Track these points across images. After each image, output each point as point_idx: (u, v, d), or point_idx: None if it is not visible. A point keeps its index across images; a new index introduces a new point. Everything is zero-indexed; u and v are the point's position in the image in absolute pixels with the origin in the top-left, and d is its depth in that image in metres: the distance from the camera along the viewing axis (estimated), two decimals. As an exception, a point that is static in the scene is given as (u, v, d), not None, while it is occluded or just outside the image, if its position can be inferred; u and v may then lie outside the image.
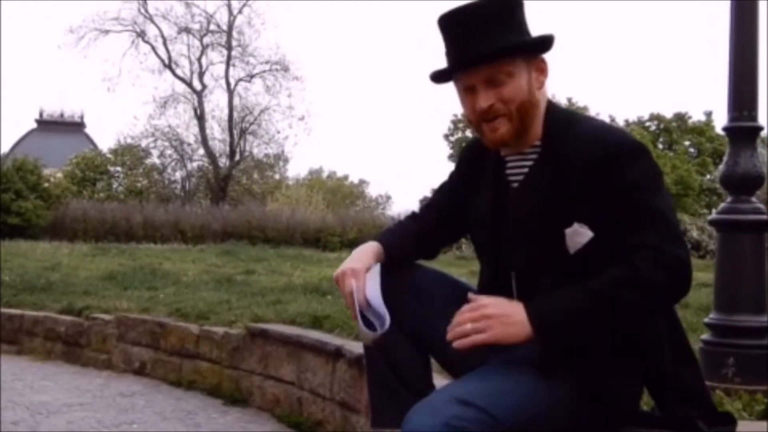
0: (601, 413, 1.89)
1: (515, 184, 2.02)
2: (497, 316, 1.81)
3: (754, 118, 3.47)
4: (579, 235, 1.87)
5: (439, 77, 2.04)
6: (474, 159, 2.17)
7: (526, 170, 2.00)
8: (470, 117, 2.01)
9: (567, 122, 1.97)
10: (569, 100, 36.71)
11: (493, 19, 1.92)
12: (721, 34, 3.57)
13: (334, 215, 26.88)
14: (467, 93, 1.98)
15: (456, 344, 1.83)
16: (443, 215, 2.24)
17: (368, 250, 2.13)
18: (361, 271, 2.04)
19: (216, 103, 36.61)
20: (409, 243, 2.21)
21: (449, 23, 1.98)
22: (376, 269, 2.07)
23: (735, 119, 3.49)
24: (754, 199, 3.50)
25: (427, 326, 2.10)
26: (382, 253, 2.13)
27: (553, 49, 1.99)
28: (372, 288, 2.03)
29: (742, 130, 3.48)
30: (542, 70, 1.99)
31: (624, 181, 1.84)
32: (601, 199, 1.85)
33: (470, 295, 1.93)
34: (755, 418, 2.76)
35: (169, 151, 34.82)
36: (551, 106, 2.02)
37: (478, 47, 1.91)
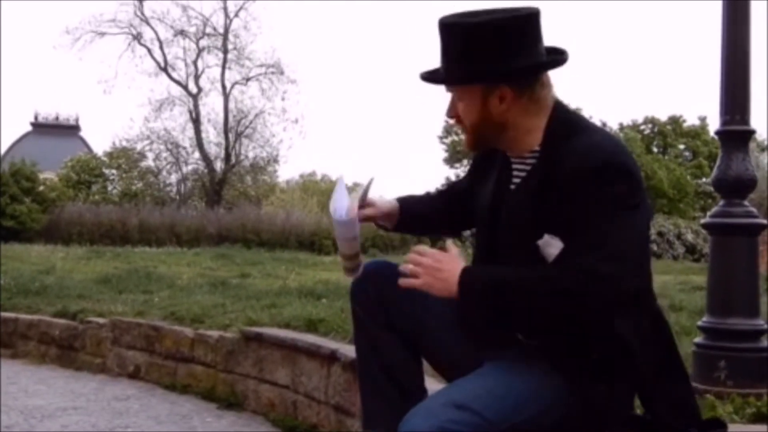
0: (592, 417, 1.90)
1: (513, 186, 2.04)
2: (430, 268, 1.91)
3: (746, 121, 3.49)
4: (550, 246, 1.88)
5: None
6: (488, 153, 2.18)
7: (524, 174, 2.02)
8: None
9: (568, 132, 1.95)
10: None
11: (468, 43, 1.94)
12: (714, 38, 3.60)
13: (329, 219, 26.83)
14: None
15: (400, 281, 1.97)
16: (456, 197, 2.33)
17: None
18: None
19: (211, 106, 36.33)
20: (423, 206, 2.38)
21: (439, 29, 2.00)
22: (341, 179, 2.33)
23: (727, 123, 3.50)
24: (746, 202, 3.51)
25: (420, 329, 2.12)
26: (397, 206, 2.32)
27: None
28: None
29: (735, 134, 3.50)
30: (503, 98, 1.96)
31: (590, 200, 1.83)
32: (571, 215, 1.85)
33: (448, 242, 2.00)
34: (747, 421, 2.78)
35: (164, 154, 34.74)
36: (557, 112, 2.00)
37: (444, 68, 2.00)
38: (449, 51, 1.97)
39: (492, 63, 1.94)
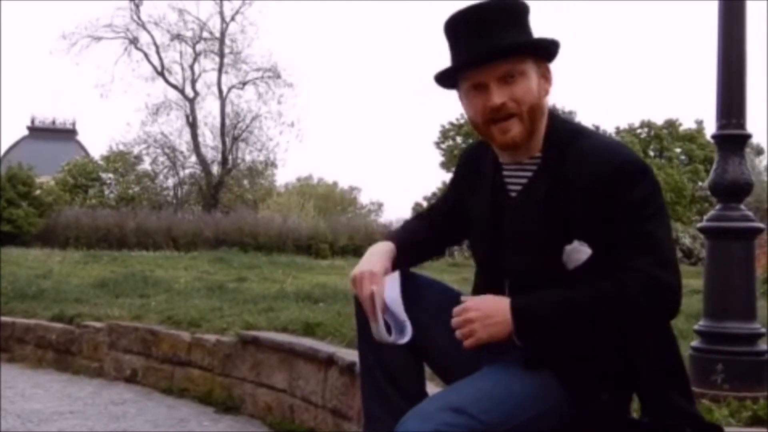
0: (590, 421, 1.91)
1: (513, 194, 2.01)
2: (479, 320, 1.88)
3: (742, 126, 3.51)
4: (578, 252, 1.87)
5: (444, 78, 2.01)
6: (473, 162, 2.16)
7: (524, 181, 1.99)
8: (477, 119, 1.97)
9: (570, 137, 1.95)
10: (552, 107, 36.89)
11: (505, 18, 1.93)
12: (711, 42, 3.60)
13: (326, 222, 26.83)
14: (476, 91, 1.95)
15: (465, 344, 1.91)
16: (447, 215, 2.25)
17: (383, 250, 2.11)
18: (379, 274, 2.02)
19: (208, 110, 36.49)
20: (418, 240, 2.22)
21: (460, 22, 1.96)
22: (396, 276, 2.05)
23: (723, 127, 3.52)
24: (742, 206, 3.53)
25: (421, 332, 2.11)
26: (395, 251, 2.12)
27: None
28: (392, 294, 2.01)
29: (731, 138, 3.51)
30: (547, 78, 1.98)
31: (624, 203, 1.84)
32: (600, 219, 1.85)
33: (462, 297, 1.97)
34: (743, 424, 2.78)
35: (161, 158, 34.72)
36: (553, 118, 2.01)
37: (495, 42, 1.89)
38: (496, 26, 1.91)
39: (533, 36, 1.96)
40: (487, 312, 1.88)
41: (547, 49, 1.98)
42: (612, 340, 1.88)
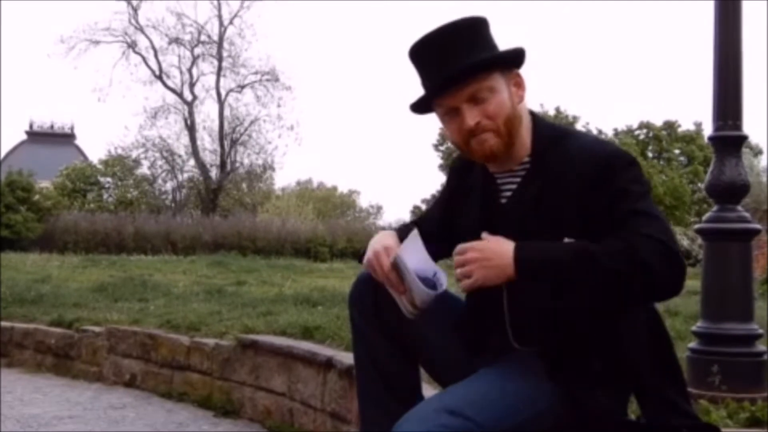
0: (586, 422, 1.91)
1: (504, 200, 2.03)
2: (478, 260, 1.86)
3: (738, 127, 3.51)
4: None
5: (419, 106, 2.03)
6: (462, 173, 2.17)
7: (515, 186, 2.01)
8: (457, 139, 2.00)
9: (556, 138, 1.98)
10: (557, 109, 36.94)
11: (464, 39, 1.94)
12: (708, 44, 3.61)
13: (325, 225, 26.84)
14: (451, 116, 1.98)
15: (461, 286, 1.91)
16: (439, 227, 2.22)
17: (385, 233, 2.11)
18: (393, 246, 2.00)
19: (207, 113, 36.57)
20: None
21: (421, 51, 1.99)
22: (415, 235, 2.01)
23: (720, 128, 3.53)
24: (740, 207, 3.53)
25: (417, 336, 2.12)
26: (396, 234, 2.11)
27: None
28: (415, 256, 1.98)
29: (727, 140, 3.52)
30: (519, 84, 2.00)
31: (617, 189, 1.85)
32: (594, 212, 1.85)
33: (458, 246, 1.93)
34: (741, 426, 2.79)
35: (159, 162, 34.80)
36: (537, 121, 2.03)
37: (456, 66, 1.92)
38: (455, 49, 1.93)
39: (496, 50, 1.98)
40: (487, 254, 1.86)
41: (512, 60, 1.99)
42: (617, 307, 1.86)
